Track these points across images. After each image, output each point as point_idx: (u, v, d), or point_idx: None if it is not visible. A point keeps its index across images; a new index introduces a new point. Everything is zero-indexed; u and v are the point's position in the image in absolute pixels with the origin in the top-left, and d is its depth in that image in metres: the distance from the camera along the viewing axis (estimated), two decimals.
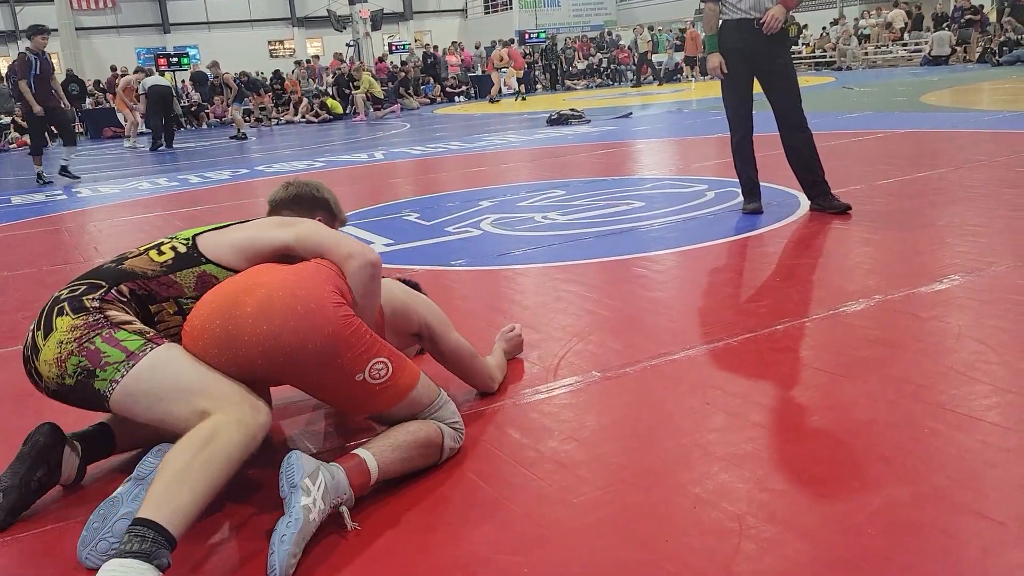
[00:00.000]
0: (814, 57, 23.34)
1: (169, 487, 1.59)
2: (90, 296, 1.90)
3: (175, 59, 18.76)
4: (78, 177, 9.89)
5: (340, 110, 18.79)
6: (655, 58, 23.75)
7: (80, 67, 22.18)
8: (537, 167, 7.75)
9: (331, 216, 2.36)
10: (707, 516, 1.69)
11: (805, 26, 22.18)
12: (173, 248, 2.07)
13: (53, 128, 10.14)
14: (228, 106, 16.19)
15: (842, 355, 2.52)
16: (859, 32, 23.04)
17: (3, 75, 15.22)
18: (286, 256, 2.06)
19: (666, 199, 5.32)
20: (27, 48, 9.36)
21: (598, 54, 25.73)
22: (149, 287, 1.98)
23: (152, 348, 1.81)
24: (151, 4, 30.22)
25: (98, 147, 16.02)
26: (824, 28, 24.27)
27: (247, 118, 19.95)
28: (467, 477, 1.96)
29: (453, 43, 25.50)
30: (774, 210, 4.62)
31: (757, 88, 4.47)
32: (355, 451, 1.86)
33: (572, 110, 12.10)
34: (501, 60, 19.68)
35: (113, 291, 1.93)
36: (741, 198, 4.74)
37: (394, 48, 26.11)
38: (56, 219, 6.89)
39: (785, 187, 5.17)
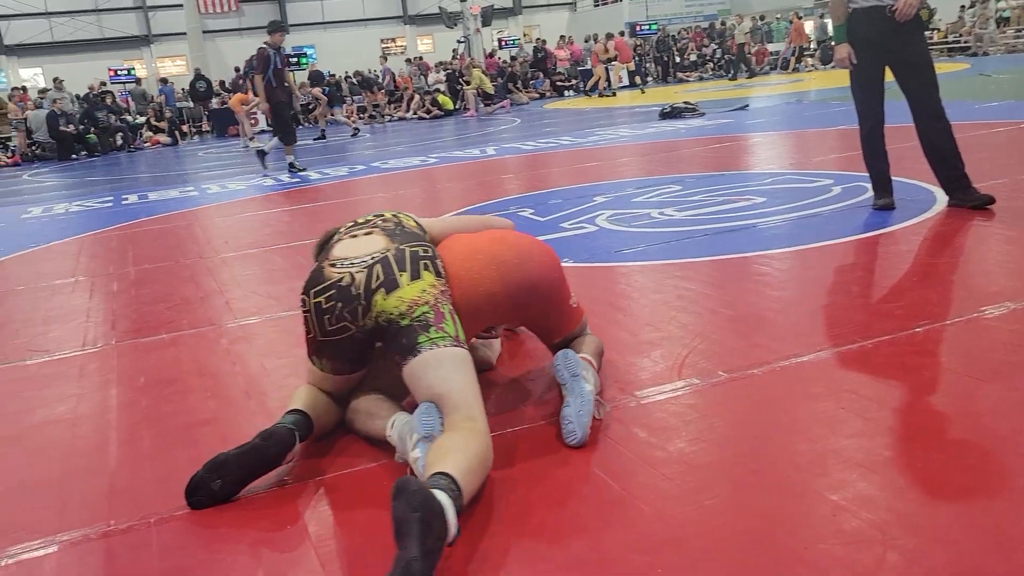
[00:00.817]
0: (947, 43, 22.16)
1: (470, 486, 1.78)
2: (438, 260, 2.22)
3: (294, 59, 19.39)
4: (304, 169, 9.89)
5: (451, 106, 19.06)
6: (770, 47, 23.05)
7: (206, 68, 23.22)
8: (651, 162, 7.66)
9: None
10: (848, 524, 1.64)
11: (934, 10, 21.07)
12: (408, 216, 2.44)
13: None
14: (325, 113, 16.62)
15: (984, 361, 2.39)
16: (997, 15, 21.72)
17: (241, 68, 14.73)
18: None
19: (788, 194, 5.17)
20: (266, 43, 9.42)
21: (712, 44, 25.19)
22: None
23: (466, 349, 2.09)
24: (272, 5, 31.34)
25: (224, 145, 16.78)
26: (960, 11, 22.99)
27: (361, 115, 20.51)
28: (595, 475, 1.96)
29: (561, 37, 25.45)
30: (908, 206, 4.42)
31: (888, 77, 4.28)
32: (581, 356, 2.31)
33: (686, 103, 11.90)
34: (605, 52, 19.47)
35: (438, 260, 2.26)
36: (871, 193, 4.55)
37: (503, 43, 26.28)
38: (189, 214, 7.26)
39: (920, 182, 4.95)
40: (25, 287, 4.79)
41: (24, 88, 19.94)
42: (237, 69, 20.67)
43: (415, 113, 19.34)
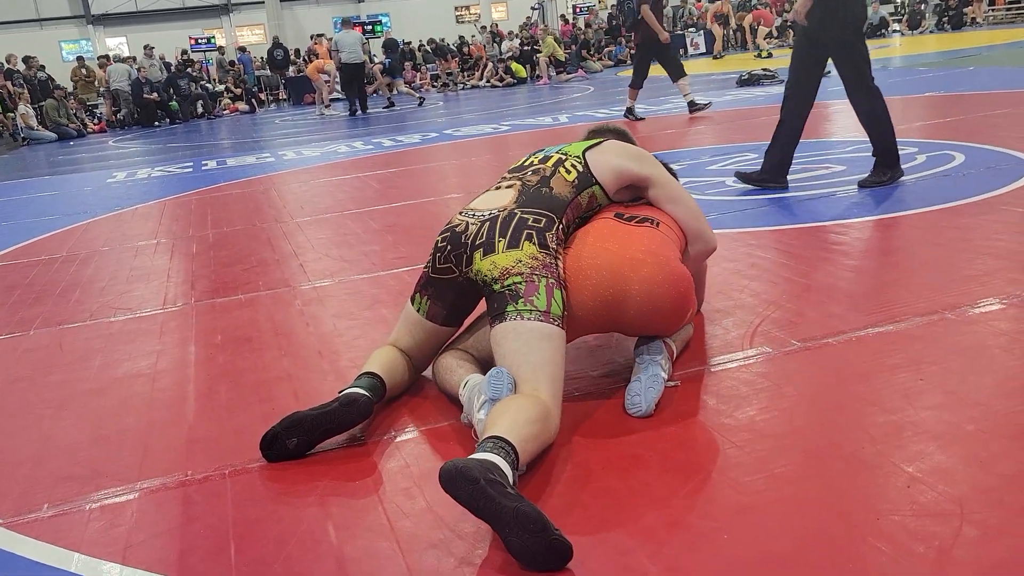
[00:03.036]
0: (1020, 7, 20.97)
1: (524, 438, 1.75)
2: (550, 233, 2.17)
3: (368, 27, 19.57)
4: (708, 104, 8.87)
5: (524, 74, 18.96)
6: None
7: (284, 37, 23.57)
8: (727, 129, 7.49)
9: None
10: (923, 497, 1.59)
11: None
12: (574, 167, 2.35)
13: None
14: (384, 84, 16.68)
15: None
16: None
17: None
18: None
19: (869, 163, 4.98)
20: None
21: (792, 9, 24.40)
22: (570, 217, 2.28)
23: (559, 327, 2.04)
24: None
25: (300, 112, 17.04)
26: None
27: (435, 83, 20.55)
28: (663, 440, 1.94)
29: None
30: (997, 174, 4.23)
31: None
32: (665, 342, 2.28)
33: (764, 70, 11.59)
34: (720, 11, 18.87)
35: (560, 228, 2.22)
36: (956, 162, 4.36)
37: (578, 10, 25.94)
38: (266, 180, 7.41)
39: (1011, 150, 4.72)
40: (110, 248, 4.97)
41: (107, 57, 20.54)
42: (312, 37, 20.85)
43: (488, 81, 19.30)
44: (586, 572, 1.49)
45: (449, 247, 2.20)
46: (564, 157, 2.39)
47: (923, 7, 21.51)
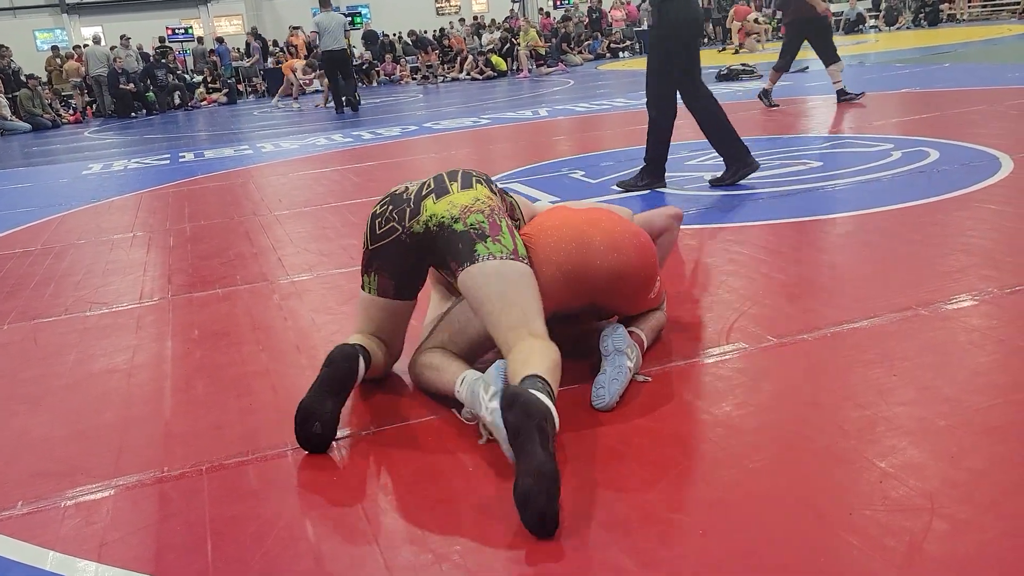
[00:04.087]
0: (1016, 3, 21.25)
1: (556, 385, 1.83)
2: (494, 185, 2.24)
3: (348, 18, 19.40)
4: (861, 94, 7.72)
5: (504, 67, 18.92)
6: (834, 7, 22.24)
7: (262, 27, 23.40)
8: None
9: None
10: (895, 492, 1.61)
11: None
12: (483, 178, 2.31)
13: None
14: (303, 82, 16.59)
15: None
16: None
17: None
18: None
19: (846, 159, 5.04)
20: None
21: (772, 5, 24.50)
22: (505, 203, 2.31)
23: (526, 263, 2.08)
24: None
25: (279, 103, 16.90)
26: None
27: (415, 75, 20.46)
28: (639, 435, 1.95)
29: None
30: (971, 171, 4.28)
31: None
32: (631, 329, 2.32)
33: (743, 65, 11.64)
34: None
35: (496, 188, 2.27)
36: (931, 159, 4.41)
37: (559, 3, 25.93)
38: (244, 172, 7.36)
39: (986, 147, 4.78)
40: (86, 241, 4.92)
41: (78, 48, 20.31)
42: (291, 28, 20.69)
43: (468, 74, 19.26)
44: (561, 567, 1.50)
45: (391, 207, 2.18)
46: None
47: (901, 4, 21.67)
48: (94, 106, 17.68)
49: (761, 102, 8.07)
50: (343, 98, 13.07)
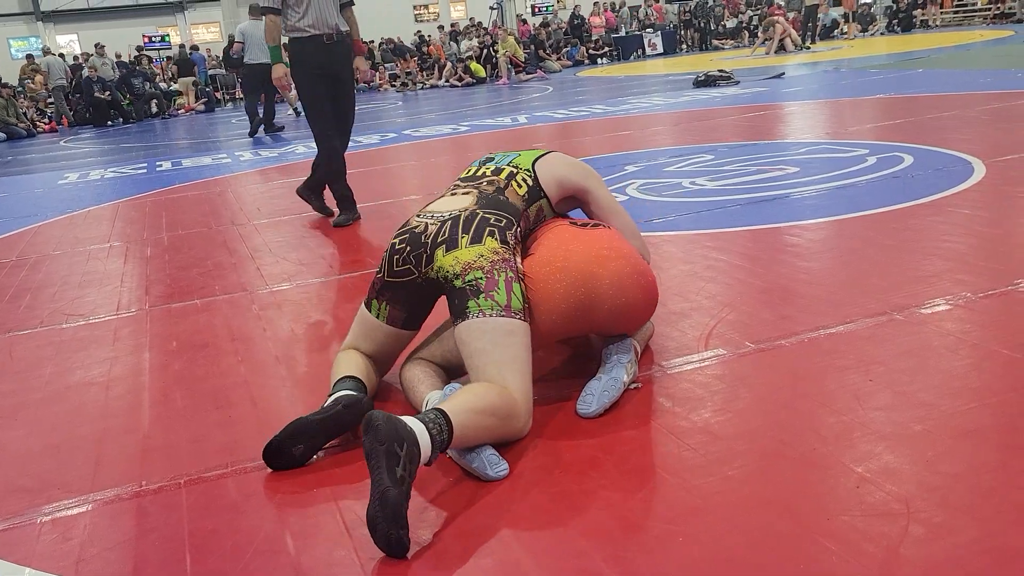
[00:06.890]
0: (987, 9, 21.56)
1: (467, 425, 1.82)
2: (510, 232, 2.21)
3: None
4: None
5: (483, 74, 18.95)
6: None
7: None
8: (683, 131, 7.57)
9: None
10: (872, 496, 1.63)
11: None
12: (524, 181, 2.42)
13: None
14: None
15: (1021, 334, 2.35)
16: None
17: None
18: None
19: (822, 164, 5.08)
20: None
21: (748, 11, 24.70)
22: (523, 227, 2.33)
23: (521, 320, 2.07)
24: None
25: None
26: None
27: (393, 83, 20.44)
28: (619, 443, 1.96)
29: (596, 3, 25.12)
30: (945, 176, 4.34)
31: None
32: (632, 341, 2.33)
33: (720, 71, 11.72)
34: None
35: (518, 230, 2.26)
36: (906, 164, 4.47)
37: (537, 10, 26.00)
38: (222, 181, 7.32)
39: (958, 152, 4.84)
40: (62, 252, 4.88)
41: (31, 56, 20.17)
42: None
43: (447, 81, 19.27)
44: (542, 575, 1.51)
45: (408, 248, 2.19)
46: (515, 171, 2.44)
47: (872, 9, 21.89)
48: (71, 115, 17.53)
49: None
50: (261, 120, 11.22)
